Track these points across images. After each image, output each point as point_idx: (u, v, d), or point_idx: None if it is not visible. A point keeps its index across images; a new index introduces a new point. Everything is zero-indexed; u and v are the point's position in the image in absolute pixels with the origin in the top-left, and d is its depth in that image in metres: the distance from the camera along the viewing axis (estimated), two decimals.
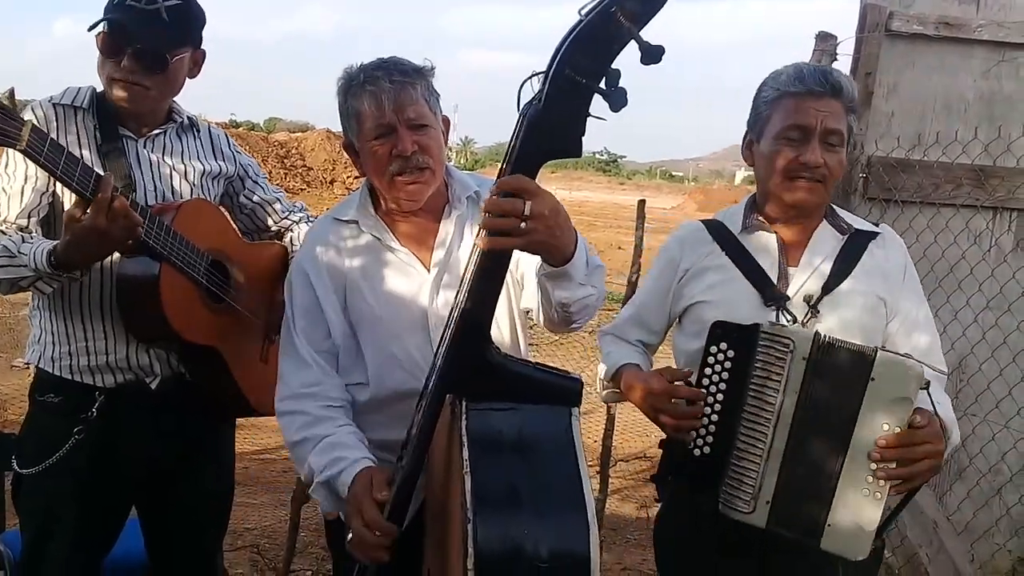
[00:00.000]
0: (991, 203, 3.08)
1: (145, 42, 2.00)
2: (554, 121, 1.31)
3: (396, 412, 1.81)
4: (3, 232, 1.97)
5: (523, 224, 1.37)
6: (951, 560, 3.15)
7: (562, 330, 1.83)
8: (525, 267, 1.84)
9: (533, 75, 1.33)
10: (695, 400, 1.79)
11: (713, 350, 1.80)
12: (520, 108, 1.35)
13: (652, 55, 1.25)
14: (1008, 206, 3.10)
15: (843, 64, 3.02)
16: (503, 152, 1.42)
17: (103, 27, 2.01)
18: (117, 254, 1.99)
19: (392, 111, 1.79)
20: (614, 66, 1.27)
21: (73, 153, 1.83)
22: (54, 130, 2.02)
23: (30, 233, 2.00)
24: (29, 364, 2.29)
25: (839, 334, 1.76)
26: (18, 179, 2.02)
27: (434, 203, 1.91)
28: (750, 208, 2.00)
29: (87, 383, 2.12)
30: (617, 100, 1.27)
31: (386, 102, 1.78)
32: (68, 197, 2.03)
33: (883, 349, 1.70)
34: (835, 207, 2.01)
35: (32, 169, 2.01)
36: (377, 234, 1.91)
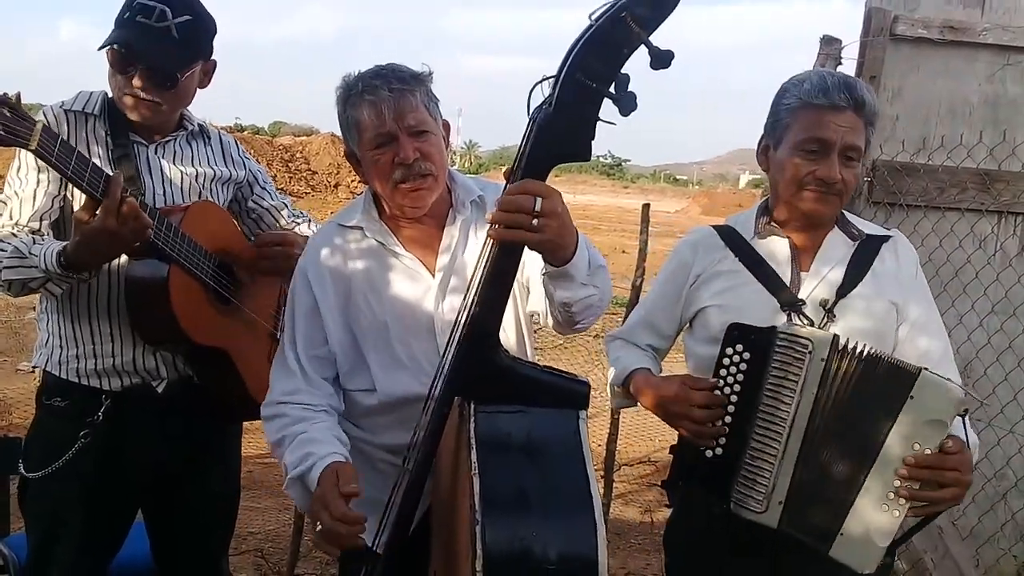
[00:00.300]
0: (996, 207, 3.08)
1: (155, 61, 2.00)
2: (564, 125, 1.32)
3: (403, 416, 1.81)
4: (14, 234, 1.98)
5: (535, 221, 1.39)
6: (956, 565, 3.14)
7: (568, 331, 1.83)
8: (531, 271, 1.85)
9: (543, 79, 1.34)
10: (713, 405, 1.79)
11: (729, 352, 1.80)
12: (530, 112, 1.36)
13: (661, 60, 1.26)
14: (1013, 210, 3.09)
15: (847, 68, 3.02)
16: (507, 156, 1.43)
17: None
18: (125, 257, 2.00)
19: (392, 119, 1.79)
20: (623, 71, 1.28)
21: (83, 154, 1.84)
22: (65, 134, 2.02)
23: (41, 236, 2.01)
24: (35, 368, 2.30)
25: (854, 339, 1.76)
26: (30, 182, 2.03)
27: (438, 208, 1.92)
28: (762, 213, 2.00)
29: (94, 386, 2.13)
30: (627, 104, 1.28)
31: (386, 111, 1.78)
32: (79, 201, 2.03)
33: (927, 369, 1.68)
34: (845, 212, 2.01)
35: (44, 173, 2.01)
36: (381, 239, 1.92)
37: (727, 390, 1.80)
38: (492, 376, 1.46)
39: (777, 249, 1.95)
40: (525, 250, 1.47)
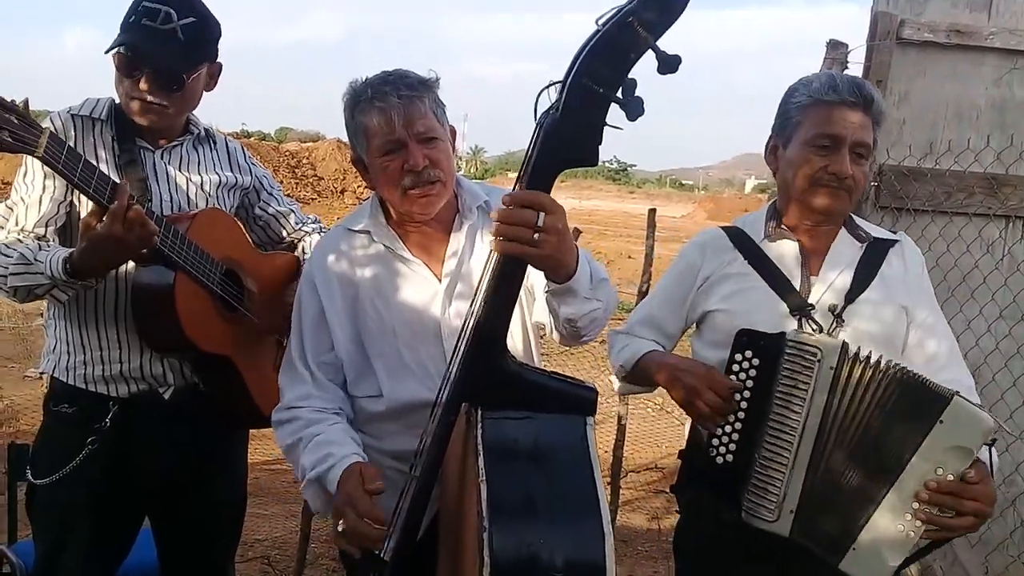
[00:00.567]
0: (1004, 212, 3.07)
1: (161, 63, 2.01)
2: (571, 130, 1.32)
3: (410, 422, 1.81)
4: (20, 240, 1.98)
5: (536, 235, 1.38)
6: (965, 572, 3.13)
7: (573, 344, 1.83)
8: (536, 278, 1.85)
9: (550, 84, 1.34)
10: (728, 400, 1.78)
11: (738, 358, 1.80)
12: (537, 117, 1.36)
13: (669, 65, 1.25)
14: (1021, 215, 3.08)
15: (854, 72, 3.01)
16: (514, 161, 1.43)
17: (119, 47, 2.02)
18: (132, 263, 2.01)
19: (402, 127, 1.78)
20: (630, 75, 1.28)
21: (90, 161, 1.85)
22: (72, 140, 2.03)
23: (47, 242, 2.01)
24: (43, 374, 2.30)
25: (863, 343, 1.75)
26: (36, 188, 2.03)
27: (445, 214, 1.91)
28: (771, 216, 2.00)
29: (101, 393, 2.13)
30: (634, 109, 1.28)
31: (395, 118, 1.78)
32: (85, 207, 2.04)
33: (959, 395, 1.66)
34: (853, 215, 2.01)
35: (50, 179, 2.02)
36: (389, 244, 1.91)
37: (737, 396, 1.80)
38: (499, 382, 1.46)
39: (787, 252, 1.95)
40: None
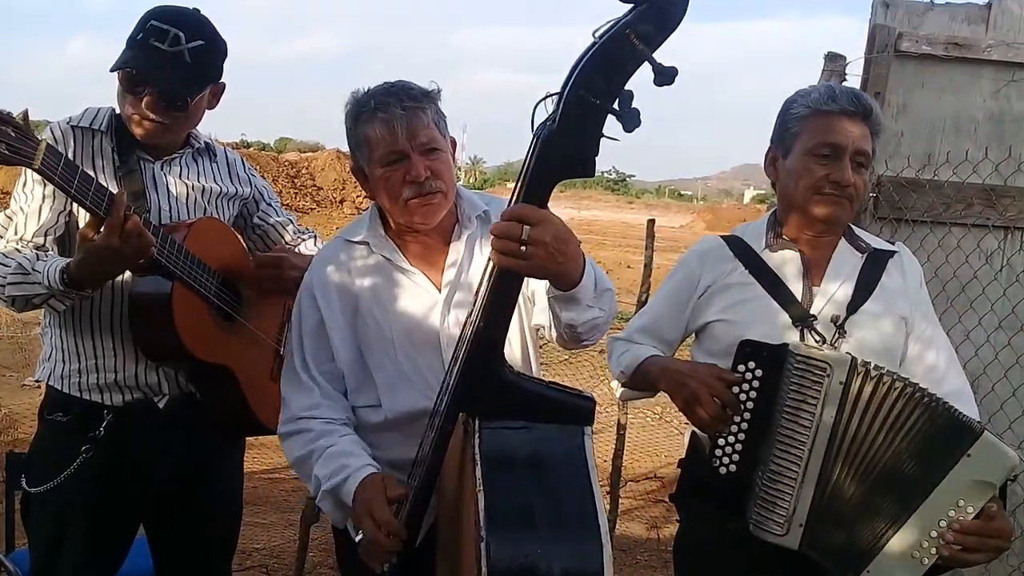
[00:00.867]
0: (1002, 223, 3.07)
1: (167, 86, 2.01)
2: (568, 142, 1.32)
3: (409, 431, 1.81)
4: (18, 250, 1.98)
5: (522, 248, 1.37)
6: None
7: (573, 347, 1.83)
8: (536, 284, 1.85)
9: (547, 96, 1.34)
10: (730, 405, 1.78)
11: (741, 369, 1.80)
12: (534, 129, 1.36)
13: (665, 76, 1.26)
14: (1019, 226, 3.08)
15: (852, 84, 3.02)
16: (512, 171, 1.43)
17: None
18: (128, 273, 2.01)
19: (405, 137, 1.79)
20: (627, 87, 1.28)
21: (87, 172, 1.85)
22: (71, 151, 2.03)
23: (46, 251, 2.01)
24: (40, 382, 2.30)
25: (864, 354, 1.75)
26: (35, 198, 2.03)
27: (444, 223, 1.92)
28: (771, 226, 2.00)
29: (95, 401, 2.13)
30: (630, 121, 1.28)
31: (398, 128, 1.78)
32: (84, 217, 2.04)
33: (988, 430, 1.68)
34: (852, 226, 2.01)
35: (49, 188, 2.02)
36: (388, 254, 1.91)
37: (740, 407, 1.79)
38: (497, 391, 1.45)
39: (788, 262, 1.95)
40: None
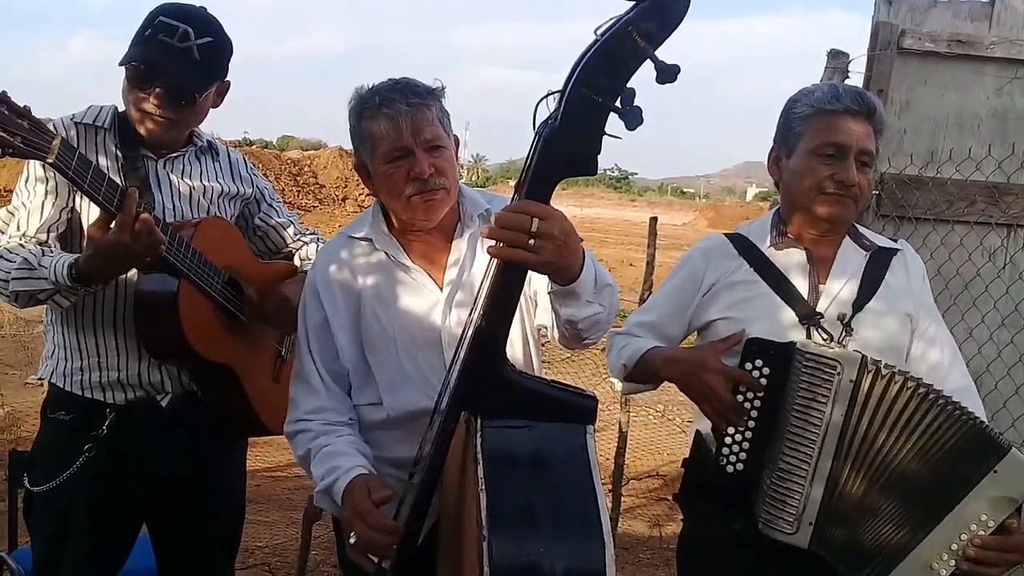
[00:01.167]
0: (1005, 220, 3.06)
1: (176, 81, 2.02)
2: (570, 140, 1.31)
3: (410, 430, 1.81)
4: (22, 245, 1.98)
5: (532, 241, 1.37)
6: None
7: (575, 346, 1.82)
8: (538, 284, 1.84)
9: (549, 94, 1.34)
10: (746, 389, 1.78)
11: (748, 367, 1.79)
12: (536, 127, 1.36)
13: (668, 74, 1.25)
14: (1022, 223, 3.08)
15: (855, 82, 3.02)
16: (514, 169, 1.42)
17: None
18: (133, 270, 2.01)
19: (409, 134, 1.79)
20: (629, 85, 1.28)
21: (100, 168, 1.85)
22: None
23: (49, 247, 2.01)
24: (42, 380, 2.30)
25: (869, 352, 1.75)
26: (39, 194, 2.03)
27: (446, 222, 1.92)
28: (776, 223, 1.99)
29: (98, 399, 2.13)
30: (633, 119, 1.28)
31: (404, 125, 1.78)
32: (87, 213, 2.04)
33: (1016, 448, 1.68)
34: (855, 224, 2.01)
35: (52, 184, 2.02)
36: (390, 252, 1.91)
37: (747, 405, 1.79)
38: (498, 390, 1.45)
39: (794, 260, 1.94)
40: None
